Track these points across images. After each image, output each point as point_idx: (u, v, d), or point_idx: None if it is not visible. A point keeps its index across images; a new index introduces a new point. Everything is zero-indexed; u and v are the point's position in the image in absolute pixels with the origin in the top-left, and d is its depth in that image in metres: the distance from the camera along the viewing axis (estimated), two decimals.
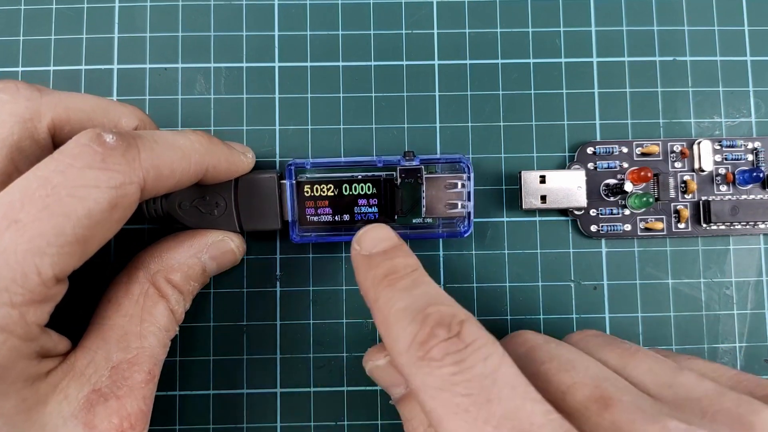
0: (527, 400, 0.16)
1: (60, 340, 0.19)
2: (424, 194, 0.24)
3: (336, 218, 0.24)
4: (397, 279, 0.19)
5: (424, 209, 0.24)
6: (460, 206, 0.24)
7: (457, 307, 0.18)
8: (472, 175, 0.24)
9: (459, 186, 0.24)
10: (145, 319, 0.21)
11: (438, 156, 0.25)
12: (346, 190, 0.24)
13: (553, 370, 0.18)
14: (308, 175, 0.25)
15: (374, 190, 0.24)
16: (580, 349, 0.20)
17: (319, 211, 0.24)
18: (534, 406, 0.15)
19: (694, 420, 0.16)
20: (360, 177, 0.24)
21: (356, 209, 0.24)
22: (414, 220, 0.25)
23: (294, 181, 0.24)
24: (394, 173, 0.24)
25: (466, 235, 0.25)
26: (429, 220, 0.25)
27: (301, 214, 0.24)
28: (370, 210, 0.24)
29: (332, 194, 0.24)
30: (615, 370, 0.19)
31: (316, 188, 0.24)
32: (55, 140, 0.21)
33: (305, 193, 0.24)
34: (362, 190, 0.24)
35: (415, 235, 0.25)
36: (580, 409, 0.17)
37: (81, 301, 0.22)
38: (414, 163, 0.24)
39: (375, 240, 0.21)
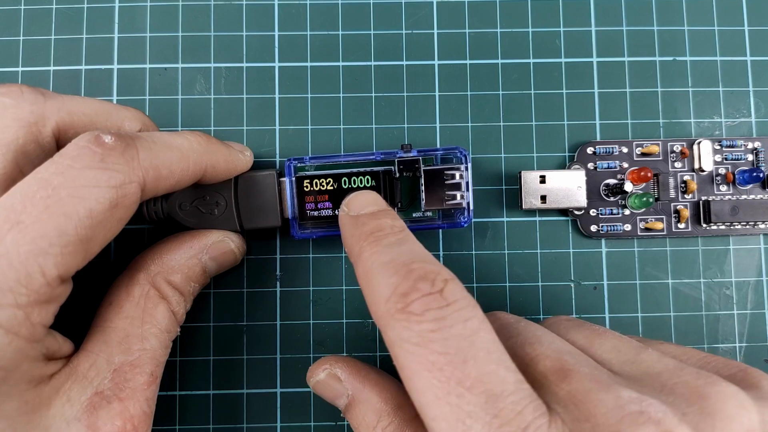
0: (501, 367, 0.16)
1: (64, 342, 0.19)
2: (422, 187, 0.24)
3: (336, 212, 0.24)
4: (383, 236, 0.19)
5: (423, 202, 0.24)
6: (459, 197, 0.24)
7: (442, 266, 0.18)
8: (469, 165, 0.24)
9: (457, 177, 0.24)
10: (146, 321, 0.21)
11: (435, 148, 0.25)
12: (345, 184, 0.24)
13: (519, 344, 0.18)
14: (307, 171, 0.25)
15: (373, 183, 0.24)
16: (551, 331, 0.20)
17: (319, 206, 0.24)
18: (507, 374, 0.16)
19: (652, 393, 0.16)
20: (359, 170, 0.24)
21: None
22: (414, 214, 0.25)
23: (293, 177, 0.24)
24: (393, 166, 0.24)
25: (465, 225, 0.25)
26: (429, 214, 0.25)
27: (301, 210, 0.25)
28: None
29: (332, 188, 0.24)
30: (581, 348, 0.19)
31: (316, 183, 0.24)
32: (59, 144, 0.21)
33: (305, 188, 0.24)
34: (361, 183, 0.24)
35: (415, 227, 0.25)
36: (540, 379, 0.17)
37: (82, 304, 0.22)
38: (411, 154, 0.24)
39: (363, 203, 0.21)
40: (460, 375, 0.15)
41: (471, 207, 0.25)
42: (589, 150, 0.27)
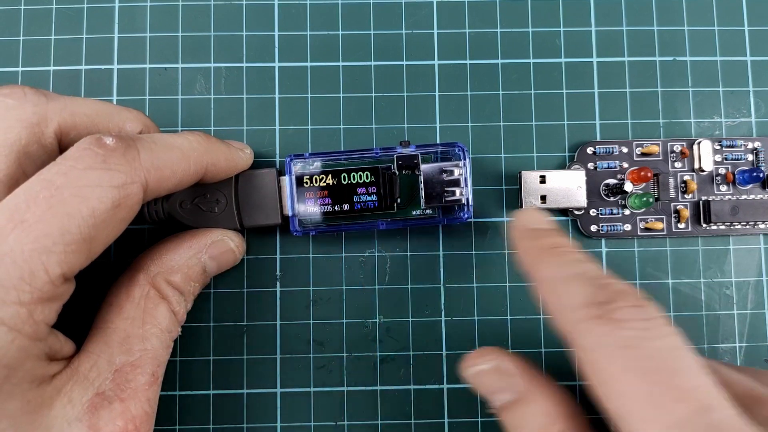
0: (711, 382, 0.16)
1: (66, 342, 0.19)
2: (422, 185, 0.24)
3: (336, 208, 0.24)
4: (565, 252, 0.19)
5: (422, 199, 0.24)
6: (458, 193, 0.24)
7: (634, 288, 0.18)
8: (468, 161, 0.24)
9: (456, 173, 0.24)
10: (146, 322, 0.21)
11: (433, 143, 0.25)
12: (344, 179, 0.24)
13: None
14: (307, 168, 0.25)
15: (372, 178, 0.24)
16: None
17: (318, 202, 0.25)
18: (717, 390, 0.15)
19: None
20: (358, 166, 0.24)
21: (355, 198, 0.24)
22: (414, 212, 0.25)
23: (293, 174, 0.24)
24: (392, 164, 0.24)
25: (466, 220, 0.25)
26: (429, 211, 0.25)
27: (301, 206, 0.25)
28: (369, 198, 0.24)
29: (331, 183, 0.24)
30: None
31: (315, 179, 0.24)
32: (62, 145, 0.21)
33: (304, 185, 0.24)
34: (361, 178, 0.24)
35: (416, 223, 0.25)
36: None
37: (83, 304, 0.22)
38: (410, 149, 0.24)
39: (539, 219, 0.22)
40: (670, 383, 0.15)
41: (471, 202, 0.25)
42: (589, 150, 0.27)
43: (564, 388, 0.20)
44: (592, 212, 0.27)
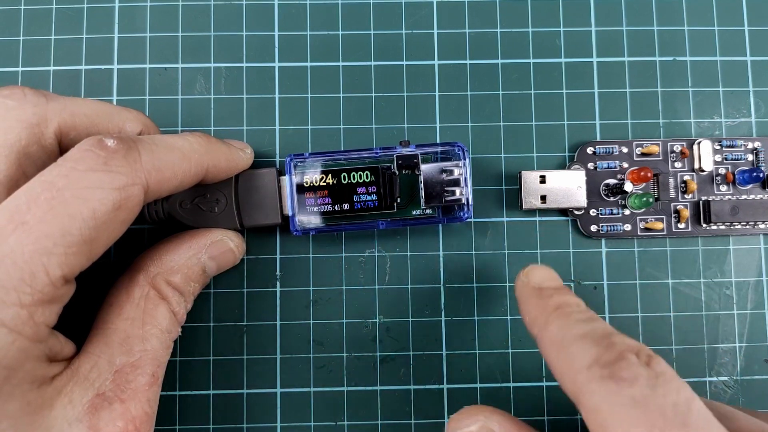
0: None
1: (66, 343, 0.19)
2: (421, 184, 0.24)
3: (336, 207, 0.24)
4: (572, 312, 0.19)
5: (422, 199, 0.24)
6: (458, 193, 0.24)
7: (641, 343, 0.18)
8: (468, 161, 0.24)
9: (456, 173, 0.24)
10: (146, 322, 0.21)
11: (433, 143, 0.25)
12: (344, 179, 0.24)
13: (718, 418, 0.18)
14: (307, 168, 0.25)
15: (372, 178, 0.24)
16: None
17: (318, 201, 0.25)
18: None
19: None
20: (358, 165, 0.24)
21: (355, 197, 0.24)
22: (414, 212, 0.25)
23: (293, 174, 0.24)
24: (392, 164, 0.24)
25: (466, 219, 0.25)
26: (429, 211, 0.25)
27: (301, 206, 0.25)
28: (369, 198, 0.24)
29: (331, 183, 0.24)
30: None
31: (315, 179, 0.24)
32: (62, 146, 0.21)
33: (305, 184, 0.24)
34: (361, 178, 0.24)
35: (416, 222, 0.25)
36: None
37: (83, 305, 0.22)
38: (410, 149, 0.24)
39: (544, 276, 0.22)
40: None
41: (470, 202, 0.25)
42: (589, 150, 0.27)
43: None
44: (592, 212, 0.27)
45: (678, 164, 0.27)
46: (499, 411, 0.20)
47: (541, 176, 0.26)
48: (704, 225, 0.26)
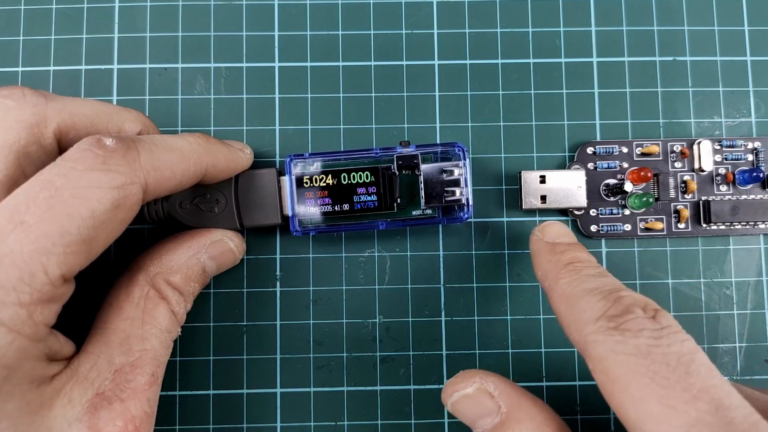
0: (725, 383, 0.16)
1: (66, 342, 0.19)
2: (422, 184, 0.24)
3: (336, 208, 0.24)
4: (583, 267, 0.20)
5: (422, 199, 0.24)
6: (458, 193, 0.24)
7: (648, 298, 0.18)
8: (468, 161, 0.24)
9: (456, 173, 0.24)
10: (146, 322, 0.21)
11: (433, 143, 0.25)
12: (344, 179, 0.24)
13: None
14: (307, 168, 0.25)
15: (372, 178, 0.24)
16: None
17: (318, 202, 0.24)
18: (733, 390, 0.16)
19: None
20: (358, 166, 0.24)
21: (355, 198, 0.24)
22: (414, 212, 0.25)
23: (293, 174, 0.24)
24: (392, 164, 0.24)
25: (465, 220, 0.25)
26: (429, 211, 0.25)
27: (301, 206, 0.25)
28: (369, 198, 0.24)
29: (331, 183, 0.24)
30: None
31: (315, 179, 0.24)
32: (61, 145, 0.21)
33: (305, 185, 0.24)
34: (361, 178, 0.24)
35: (416, 222, 0.25)
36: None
37: (83, 305, 0.22)
38: (410, 149, 0.24)
39: (558, 232, 0.23)
40: (686, 384, 0.15)
41: (470, 202, 0.25)
42: (589, 150, 0.27)
43: (549, 407, 0.20)
44: (592, 212, 0.27)
45: (678, 164, 0.27)
46: (494, 374, 0.20)
47: (541, 176, 0.26)
48: (704, 225, 0.26)
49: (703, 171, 0.26)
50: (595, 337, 0.17)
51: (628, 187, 0.26)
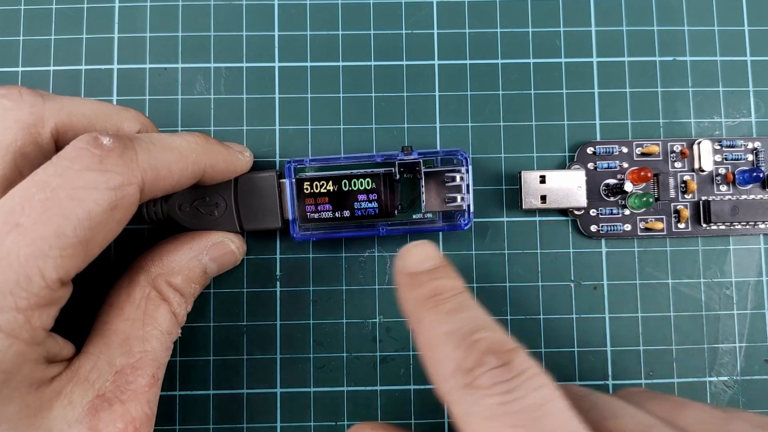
0: (578, 428, 0.15)
1: (65, 344, 0.19)
2: (423, 189, 0.24)
3: (336, 214, 0.24)
4: (443, 300, 0.19)
5: (423, 204, 0.24)
6: (459, 200, 0.24)
7: (504, 334, 0.17)
8: (470, 168, 0.24)
9: (457, 179, 0.24)
10: (147, 323, 0.21)
11: (436, 150, 0.25)
12: (345, 186, 0.24)
13: (598, 418, 0.18)
14: (308, 173, 0.25)
15: (373, 185, 0.24)
16: (627, 403, 0.19)
17: (319, 208, 0.24)
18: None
19: None
20: (359, 172, 0.24)
21: (356, 204, 0.24)
22: (414, 216, 0.25)
23: (293, 179, 0.24)
24: (393, 168, 0.24)
25: (466, 228, 0.25)
26: (429, 216, 0.25)
27: (301, 212, 0.24)
28: (370, 205, 0.24)
29: (332, 190, 0.24)
30: (664, 421, 0.18)
31: (316, 185, 0.24)
32: (59, 145, 0.21)
33: (305, 190, 0.24)
34: (361, 185, 0.24)
35: (416, 229, 0.25)
36: None
37: (82, 306, 0.22)
38: (412, 156, 0.24)
39: (420, 258, 0.20)
40: None
41: (471, 209, 0.25)
42: (589, 150, 0.27)
43: None
44: (592, 212, 0.27)
45: (678, 164, 0.27)
46: (379, 424, 0.20)
47: (541, 176, 0.26)
48: (704, 225, 0.26)
49: (703, 171, 0.26)
50: (452, 397, 0.16)
51: (628, 187, 0.26)
